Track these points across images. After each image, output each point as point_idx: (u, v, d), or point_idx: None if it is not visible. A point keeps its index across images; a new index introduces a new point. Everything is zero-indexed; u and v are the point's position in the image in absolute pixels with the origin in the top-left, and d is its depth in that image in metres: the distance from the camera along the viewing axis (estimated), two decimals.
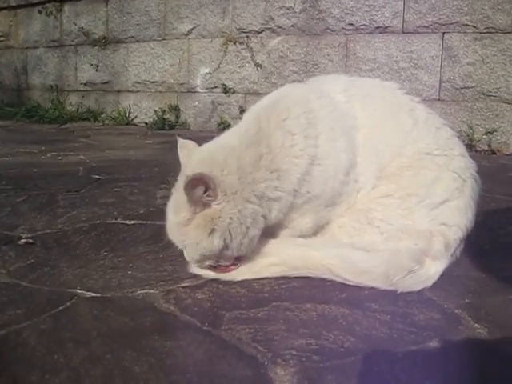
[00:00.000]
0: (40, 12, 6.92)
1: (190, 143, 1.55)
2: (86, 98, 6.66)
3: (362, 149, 1.52)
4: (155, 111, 5.93)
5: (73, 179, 2.95)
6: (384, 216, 1.47)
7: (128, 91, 6.27)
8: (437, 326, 1.20)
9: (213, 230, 1.34)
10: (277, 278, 1.43)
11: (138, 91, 6.19)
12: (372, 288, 1.37)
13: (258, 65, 5.21)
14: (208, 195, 1.34)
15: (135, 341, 1.11)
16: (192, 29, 5.58)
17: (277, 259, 1.45)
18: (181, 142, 1.56)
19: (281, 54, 5.05)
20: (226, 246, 1.37)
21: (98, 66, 6.43)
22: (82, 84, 6.67)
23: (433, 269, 1.41)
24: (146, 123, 6.04)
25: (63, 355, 1.05)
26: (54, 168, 3.32)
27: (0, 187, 2.67)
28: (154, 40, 5.88)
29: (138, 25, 5.99)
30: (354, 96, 1.59)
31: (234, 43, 5.34)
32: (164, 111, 5.91)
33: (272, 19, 5.04)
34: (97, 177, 3.02)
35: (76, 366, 1.01)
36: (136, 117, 6.22)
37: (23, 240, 1.75)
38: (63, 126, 6.08)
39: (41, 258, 1.62)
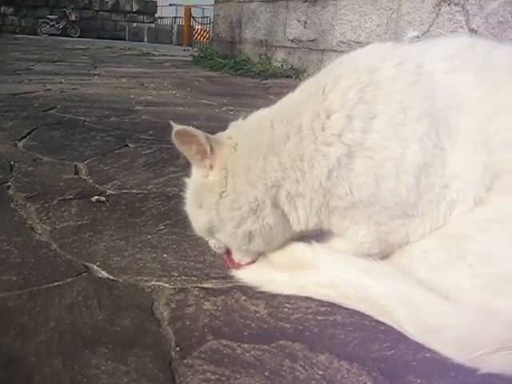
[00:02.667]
0: None
1: None
2: (292, 54, 6.54)
3: (463, 141, 1.06)
4: None
5: None
6: (485, 251, 0.99)
7: (332, 50, 5.97)
8: None
9: (200, 204, 1.13)
10: (321, 304, 1.08)
11: (341, 51, 5.84)
12: (438, 354, 0.94)
13: (472, 30, 4.50)
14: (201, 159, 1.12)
15: (76, 349, 0.90)
16: None
17: (326, 280, 1.09)
18: None
19: (501, 18, 4.27)
20: (214, 228, 1.14)
21: (306, 23, 6.22)
22: (289, 40, 6.55)
23: None
24: None
25: None
26: (215, 123, 3.24)
27: (143, 136, 2.66)
28: None
29: None
30: (464, 65, 1.11)
31: (449, 4, 4.67)
32: None
33: None
34: None
35: None
36: None
37: (96, 197, 1.65)
38: (263, 81, 6.05)
39: (96, 219, 1.49)
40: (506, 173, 1.04)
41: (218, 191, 1.11)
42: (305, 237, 1.18)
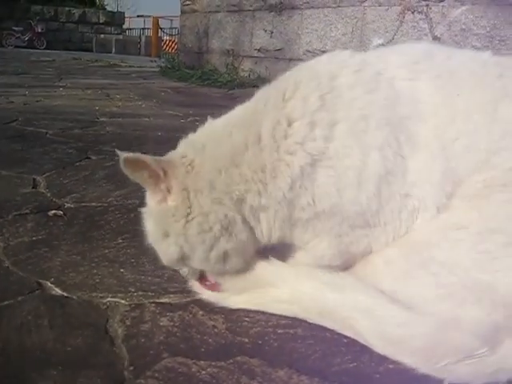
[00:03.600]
0: None
1: None
2: (259, 64, 6.54)
3: (423, 148, 1.04)
4: None
5: None
6: (448, 259, 0.97)
7: (299, 59, 5.99)
8: None
9: (166, 233, 1.05)
10: (282, 317, 1.05)
11: (308, 60, 5.89)
12: (401, 365, 0.91)
13: (436, 38, 4.57)
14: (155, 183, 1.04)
15: (22, 372, 0.86)
16: None
17: (288, 295, 1.06)
18: None
19: (463, 26, 4.34)
20: (186, 256, 1.05)
21: (272, 33, 6.24)
22: (255, 50, 6.56)
23: None
24: None
25: None
26: (179, 134, 3.20)
27: (105, 148, 2.62)
28: (329, 7, 5.49)
29: None
30: (424, 72, 1.11)
31: (412, 12, 4.73)
32: None
33: None
34: None
35: None
36: None
37: (53, 211, 1.60)
38: (230, 91, 6.04)
39: (52, 235, 1.44)
40: (466, 179, 1.03)
41: (183, 214, 1.03)
42: (266, 250, 1.14)
